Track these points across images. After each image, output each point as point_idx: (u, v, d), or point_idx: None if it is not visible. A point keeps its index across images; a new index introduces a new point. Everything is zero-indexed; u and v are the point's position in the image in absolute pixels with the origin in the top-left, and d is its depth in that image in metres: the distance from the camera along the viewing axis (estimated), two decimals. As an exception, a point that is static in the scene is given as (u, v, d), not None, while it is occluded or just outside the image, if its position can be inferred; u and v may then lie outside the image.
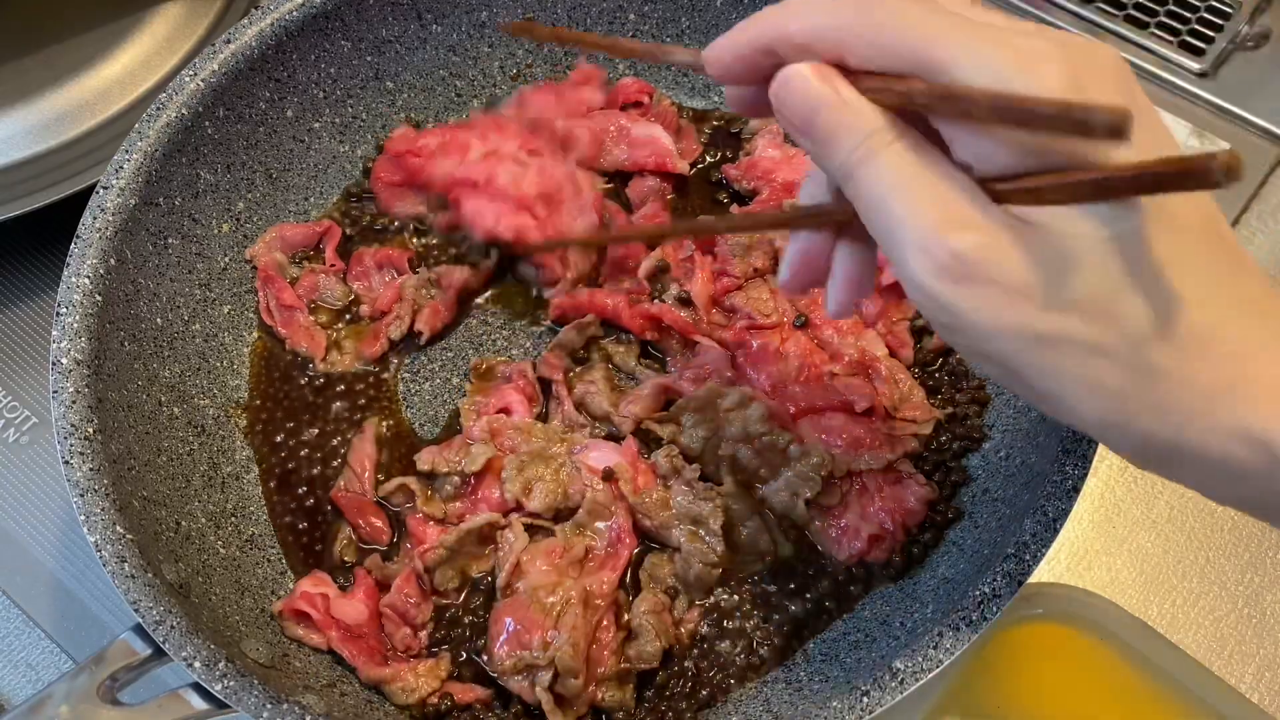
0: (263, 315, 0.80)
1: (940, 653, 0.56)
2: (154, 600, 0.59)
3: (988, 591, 0.58)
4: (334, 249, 0.82)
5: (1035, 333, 0.41)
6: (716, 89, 0.89)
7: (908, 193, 0.42)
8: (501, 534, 0.69)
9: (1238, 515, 0.78)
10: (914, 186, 0.42)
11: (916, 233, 0.41)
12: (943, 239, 0.41)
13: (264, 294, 0.80)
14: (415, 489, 0.71)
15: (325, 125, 0.85)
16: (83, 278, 0.68)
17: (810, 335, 0.76)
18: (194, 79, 0.75)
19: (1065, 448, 0.61)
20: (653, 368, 0.77)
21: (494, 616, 0.67)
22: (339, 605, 0.67)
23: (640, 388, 0.74)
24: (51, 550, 0.79)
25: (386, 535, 0.72)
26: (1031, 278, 0.40)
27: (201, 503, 0.71)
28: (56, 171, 0.88)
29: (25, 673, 0.77)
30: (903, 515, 0.69)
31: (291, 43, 0.79)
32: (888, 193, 0.42)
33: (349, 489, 0.73)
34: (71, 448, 0.63)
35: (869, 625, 0.67)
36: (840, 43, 0.44)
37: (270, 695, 0.57)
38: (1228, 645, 0.74)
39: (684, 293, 0.78)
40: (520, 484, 0.70)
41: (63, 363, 0.65)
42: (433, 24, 0.85)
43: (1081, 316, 0.41)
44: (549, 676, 0.63)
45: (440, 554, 0.68)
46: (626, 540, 0.69)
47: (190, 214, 0.77)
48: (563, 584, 0.66)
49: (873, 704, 0.56)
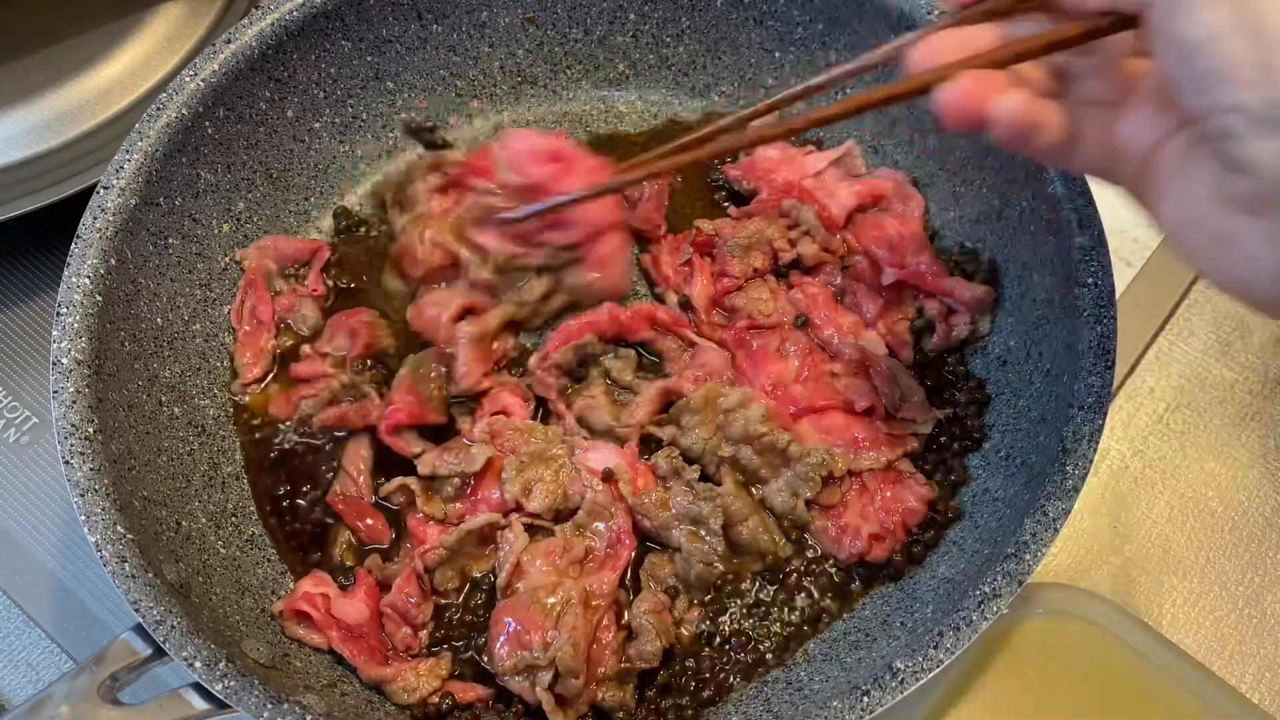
0: (232, 315, 0.79)
1: (940, 652, 0.56)
2: (154, 600, 0.59)
3: (988, 591, 0.58)
4: (319, 272, 0.81)
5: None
6: (716, 89, 0.89)
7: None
8: (502, 534, 0.69)
9: (1238, 515, 0.79)
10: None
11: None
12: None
13: (244, 297, 0.79)
14: (415, 489, 0.71)
15: (325, 125, 0.85)
16: (83, 278, 0.68)
17: (810, 335, 0.76)
18: (194, 79, 0.75)
19: (1065, 447, 0.61)
20: (650, 378, 0.76)
21: (494, 617, 0.67)
22: (339, 605, 0.67)
23: (640, 395, 0.74)
24: (52, 550, 0.79)
25: (387, 535, 0.72)
26: None
27: (202, 502, 0.71)
28: (57, 171, 0.88)
29: (25, 672, 0.77)
30: (903, 515, 0.69)
31: (292, 43, 0.79)
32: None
33: (345, 493, 0.73)
34: (72, 448, 0.63)
35: (869, 625, 0.67)
36: None
37: (270, 695, 0.57)
38: (1228, 645, 0.75)
39: (684, 297, 0.78)
40: (520, 485, 0.70)
41: (63, 363, 0.65)
42: (433, 24, 0.85)
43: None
44: (549, 677, 0.63)
45: (440, 554, 0.68)
46: (626, 541, 0.69)
47: (191, 214, 0.77)
48: (563, 584, 0.66)
49: (873, 704, 0.56)
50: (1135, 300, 0.85)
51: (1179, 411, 0.83)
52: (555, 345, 0.75)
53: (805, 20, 0.84)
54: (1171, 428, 0.82)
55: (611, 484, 0.70)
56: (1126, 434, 0.82)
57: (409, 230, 0.81)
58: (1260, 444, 0.81)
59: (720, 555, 0.68)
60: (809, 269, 0.79)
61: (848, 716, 0.56)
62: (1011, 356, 0.73)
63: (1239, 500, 0.79)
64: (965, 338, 0.76)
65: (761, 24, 0.86)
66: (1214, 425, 0.82)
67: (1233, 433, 0.82)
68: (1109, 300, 0.65)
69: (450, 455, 0.72)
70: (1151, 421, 0.83)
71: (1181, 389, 0.84)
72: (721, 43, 0.88)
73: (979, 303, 0.75)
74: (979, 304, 0.75)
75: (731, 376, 0.74)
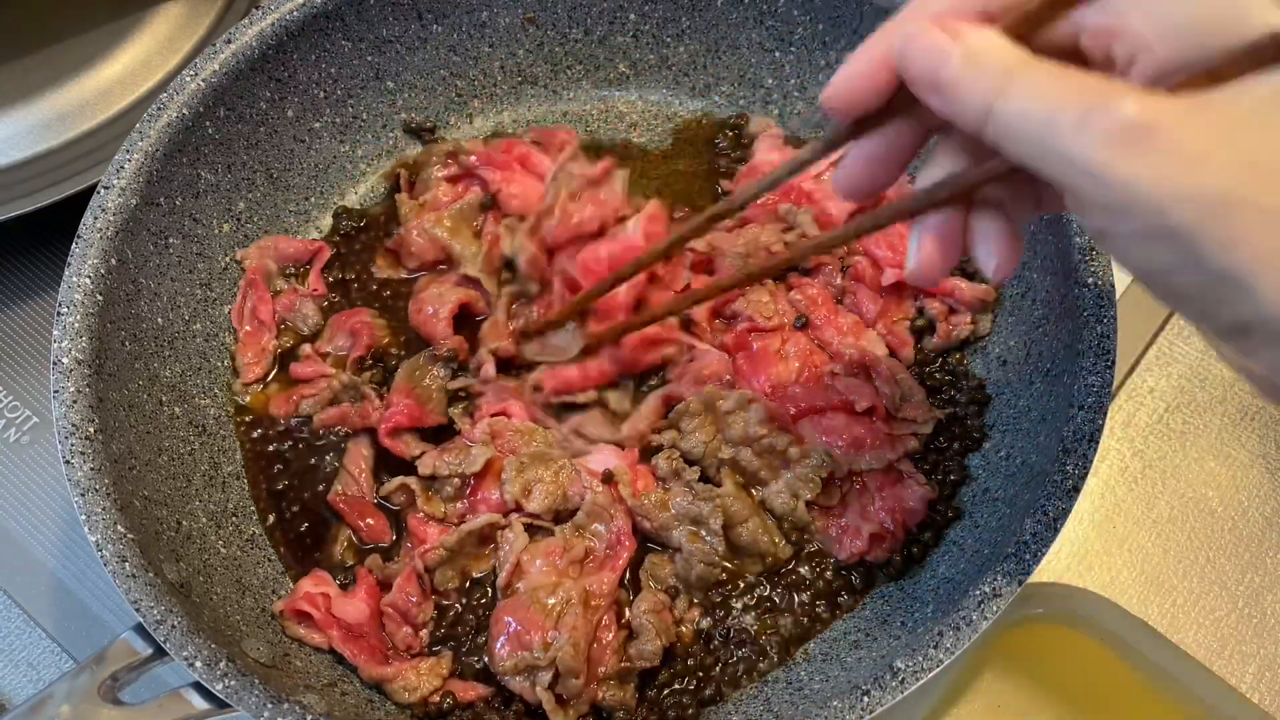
0: (233, 315, 0.79)
1: (941, 652, 0.56)
2: (155, 600, 0.59)
3: (988, 591, 0.58)
4: (319, 272, 0.81)
5: (1218, 195, 0.38)
6: (716, 89, 0.89)
7: (1060, 88, 0.40)
8: (502, 534, 0.69)
9: (1238, 516, 0.79)
10: (1064, 84, 0.40)
11: (1077, 112, 0.39)
12: (1108, 108, 0.39)
13: (245, 297, 0.79)
14: (416, 489, 0.71)
15: (326, 125, 0.85)
16: (84, 277, 0.68)
17: (810, 336, 0.76)
18: (195, 79, 0.75)
19: (1065, 447, 0.61)
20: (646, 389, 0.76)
21: (494, 617, 0.67)
22: (340, 605, 0.67)
23: (642, 407, 0.74)
24: (52, 550, 0.80)
25: (388, 535, 0.72)
26: (1207, 142, 0.38)
27: (202, 502, 0.71)
28: (57, 171, 0.88)
29: (26, 672, 0.77)
30: (903, 515, 0.69)
31: (292, 43, 0.80)
32: (1037, 99, 0.41)
33: (346, 492, 0.73)
34: (72, 447, 0.63)
35: (869, 625, 0.67)
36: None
37: (271, 695, 0.57)
38: (1228, 645, 0.75)
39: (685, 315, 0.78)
40: (520, 485, 0.70)
41: (64, 362, 0.65)
42: (433, 24, 0.85)
43: (1266, 178, 0.38)
44: (549, 676, 0.63)
45: (441, 554, 0.68)
46: (626, 542, 0.69)
47: (191, 214, 0.77)
48: (563, 584, 0.66)
49: (873, 703, 0.56)
50: (1135, 300, 0.85)
51: (1179, 411, 0.83)
52: (551, 388, 0.75)
53: (805, 20, 0.85)
54: (1171, 427, 0.82)
55: (611, 485, 0.70)
56: (1126, 434, 0.82)
57: (409, 219, 0.81)
58: (1260, 444, 0.81)
59: (721, 555, 0.68)
60: (808, 270, 0.79)
61: (848, 716, 0.56)
62: (1011, 356, 0.73)
63: (1239, 500, 0.79)
64: (965, 337, 0.76)
65: (761, 24, 0.86)
66: (1214, 425, 0.82)
67: (1233, 433, 0.82)
68: (1109, 300, 0.65)
69: (450, 456, 0.72)
70: (1152, 421, 0.83)
71: (1181, 389, 0.84)
72: (722, 43, 0.88)
73: (979, 302, 0.75)
74: (979, 303, 0.75)
75: (731, 379, 0.74)
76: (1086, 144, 0.39)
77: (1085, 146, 0.39)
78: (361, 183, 0.87)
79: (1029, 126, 0.41)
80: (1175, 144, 0.38)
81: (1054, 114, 0.40)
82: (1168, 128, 0.39)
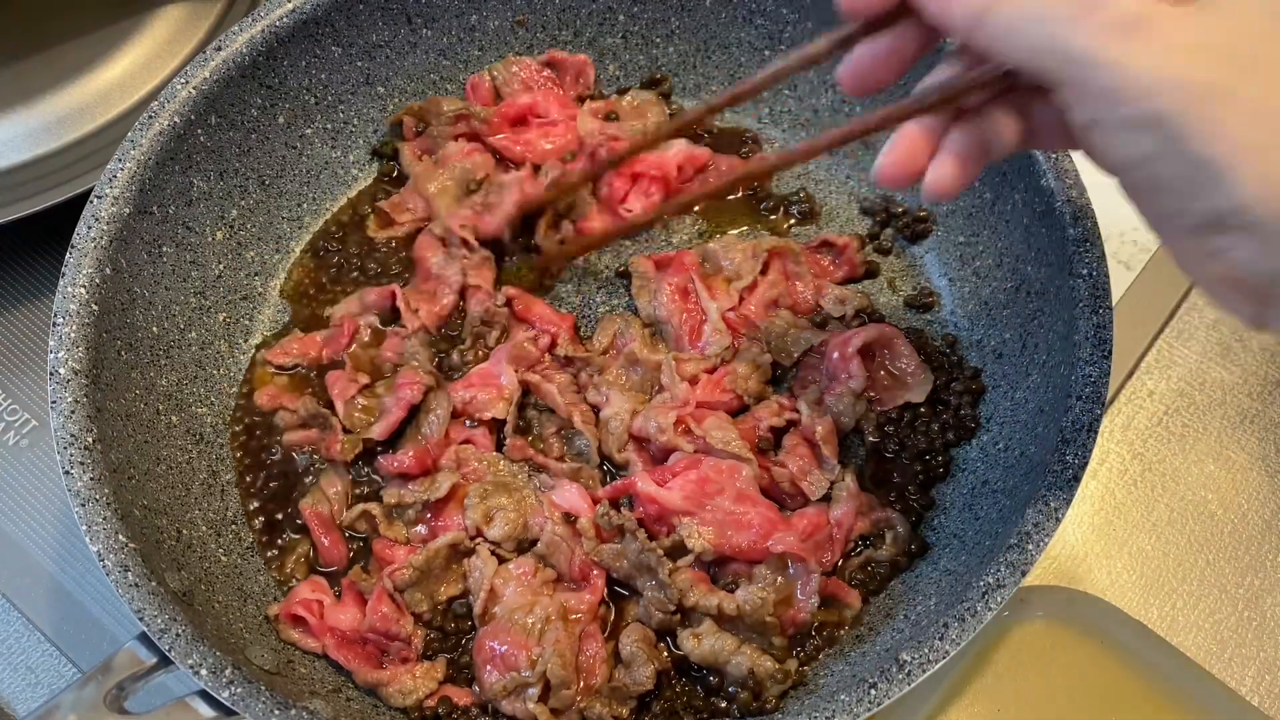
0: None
1: (946, 644, 0.57)
2: (158, 608, 0.58)
3: (991, 582, 0.58)
4: (407, 308, 0.79)
5: (1205, 84, 0.40)
6: (707, 89, 0.89)
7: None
8: (470, 562, 0.69)
9: (1238, 518, 0.79)
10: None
11: (1075, 7, 0.42)
12: (1107, 5, 0.41)
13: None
14: (378, 514, 0.71)
15: (317, 131, 0.85)
16: (79, 287, 0.68)
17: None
18: (185, 86, 0.75)
19: (1064, 437, 0.62)
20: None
21: (477, 645, 0.66)
22: (333, 613, 0.67)
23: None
24: (51, 554, 0.79)
25: (344, 561, 0.71)
26: (1200, 35, 0.40)
27: (202, 510, 0.71)
28: (56, 174, 0.88)
29: (26, 676, 0.76)
30: (794, 626, 0.67)
31: (282, 49, 0.79)
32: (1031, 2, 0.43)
33: (317, 508, 0.72)
34: (71, 457, 0.62)
35: (873, 619, 0.67)
36: None
37: (278, 701, 0.56)
38: (1228, 648, 0.75)
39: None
40: (481, 512, 0.69)
41: (60, 373, 0.65)
42: (423, 28, 0.85)
43: (1252, 74, 0.40)
44: (539, 692, 0.62)
45: (409, 574, 0.67)
46: (595, 572, 0.68)
47: (184, 222, 0.77)
48: (539, 602, 0.65)
49: (880, 695, 0.56)
50: (1134, 303, 0.86)
51: (1178, 414, 0.83)
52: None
53: (795, 19, 0.85)
54: (1171, 431, 0.82)
55: (571, 526, 0.69)
56: (1126, 437, 0.82)
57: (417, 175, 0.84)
58: (1260, 447, 0.81)
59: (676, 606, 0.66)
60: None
61: (855, 709, 0.56)
62: (1007, 349, 0.74)
63: (1238, 503, 0.79)
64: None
65: (751, 23, 0.86)
66: (1213, 428, 0.82)
67: (1232, 436, 0.82)
68: (1104, 290, 0.66)
69: (414, 484, 0.72)
70: (1151, 424, 0.83)
71: (1181, 392, 0.84)
72: (711, 43, 0.88)
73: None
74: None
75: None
76: (1082, 33, 0.41)
77: (1081, 36, 0.41)
78: (354, 187, 0.87)
79: (1023, 25, 0.43)
80: (1169, 35, 0.41)
81: (1049, 10, 0.42)
82: (1163, 21, 0.41)
